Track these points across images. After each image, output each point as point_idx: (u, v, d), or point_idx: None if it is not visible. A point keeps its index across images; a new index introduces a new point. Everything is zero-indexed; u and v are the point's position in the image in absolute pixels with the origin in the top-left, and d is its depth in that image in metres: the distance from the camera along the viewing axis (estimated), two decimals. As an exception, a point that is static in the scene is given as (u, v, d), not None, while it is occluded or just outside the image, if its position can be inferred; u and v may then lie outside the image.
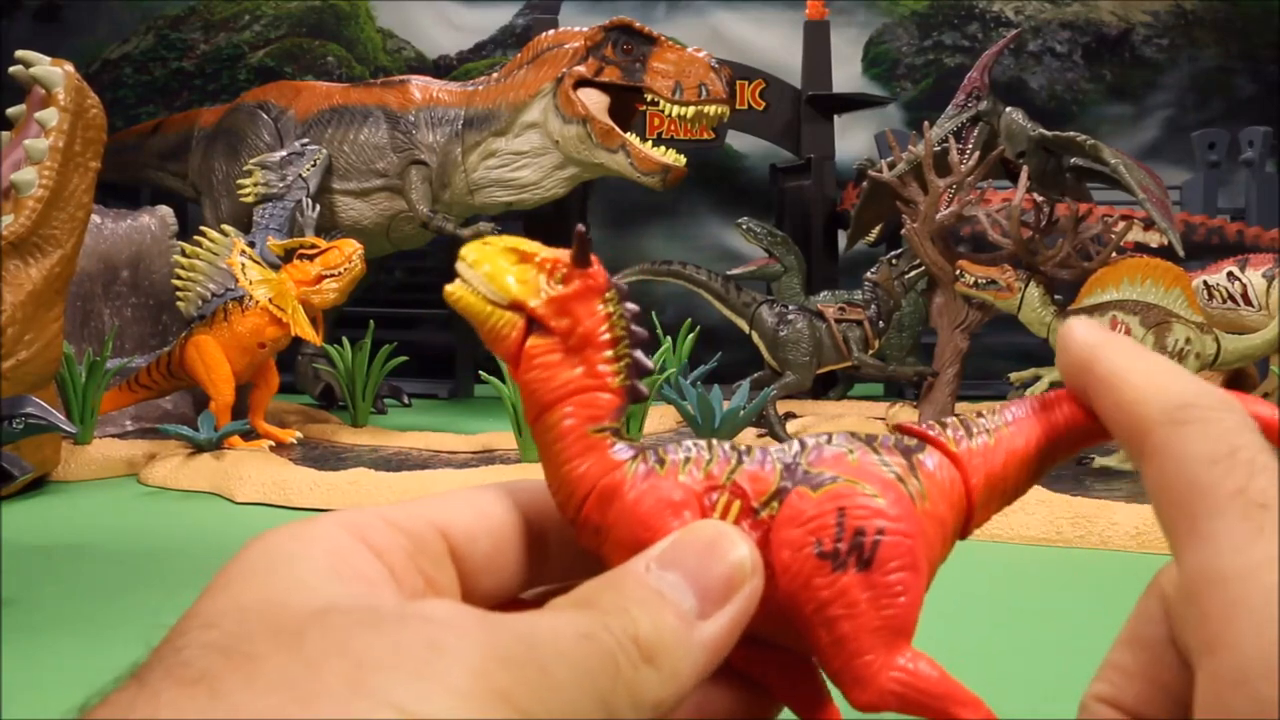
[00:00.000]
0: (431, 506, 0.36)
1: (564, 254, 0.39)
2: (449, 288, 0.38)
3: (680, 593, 0.33)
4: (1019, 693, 0.83)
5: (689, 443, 0.40)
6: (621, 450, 0.39)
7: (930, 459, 0.40)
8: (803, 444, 0.40)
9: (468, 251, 0.39)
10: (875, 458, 0.39)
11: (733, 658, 0.40)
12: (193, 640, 0.29)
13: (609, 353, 0.39)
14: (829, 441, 0.40)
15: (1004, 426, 0.40)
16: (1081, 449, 0.41)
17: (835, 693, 0.39)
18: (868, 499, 0.37)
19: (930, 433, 0.41)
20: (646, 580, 0.33)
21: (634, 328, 0.40)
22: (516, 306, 0.39)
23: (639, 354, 0.40)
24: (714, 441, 0.40)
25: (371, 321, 2.87)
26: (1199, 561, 0.28)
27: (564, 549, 0.40)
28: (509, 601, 0.38)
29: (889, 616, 0.37)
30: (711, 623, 0.33)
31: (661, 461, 0.39)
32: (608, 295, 0.40)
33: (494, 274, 0.39)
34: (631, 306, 0.40)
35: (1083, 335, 0.37)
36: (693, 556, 0.34)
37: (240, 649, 0.28)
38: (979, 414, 0.41)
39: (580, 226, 0.40)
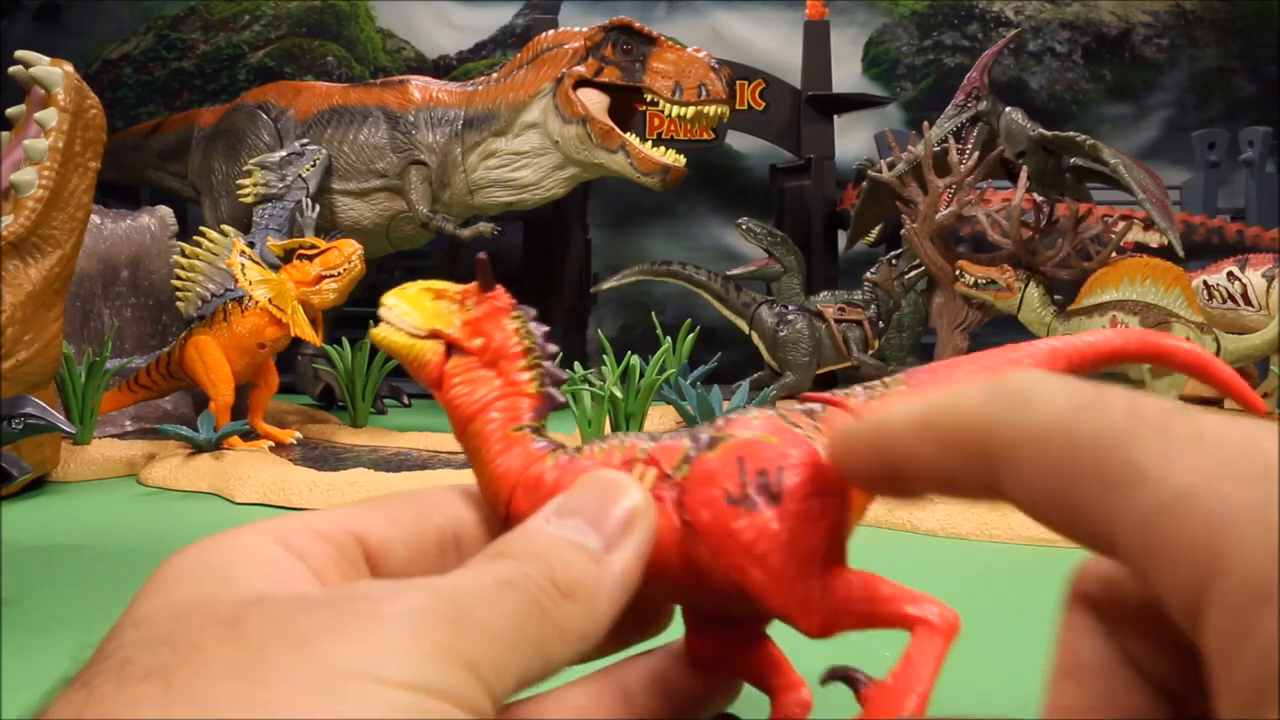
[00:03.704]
0: (349, 515, 0.38)
1: (472, 285, 0.44)
2: (374, 331, 0.43)
3: (583, 534, 0.35)
4: (1019, 693, 0.83)
5: (607, 436, 0.43)
6: (541, 444, 0.42)
7: (835, 417, 0.43)
8: (712, 420, 0.43)
9: (386, 298, 0.44)
10: (779, 419, 0.42)
11: (693, 645, 0.42)
12: (126, 641, 0.29)
13: (522, 362, 0.43)
14: (739, 413, 0.43)
15: (904, 387, 0.44)
16: None
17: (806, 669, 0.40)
18: (763, 444, 0.40)
19: (833, 397, 0.44)
20: (549, 529, 0.35)
21: (543, 342, 0.43)
22: (434, 335, 0.43)
23: (549, 364, 0.43)
24: (631, 433, 0.43)
25: (371, 321, 2.86)
26: (1149, 501, 0.24)
27: (476, 548, 0.41)
28: None
29: (814, 540, 0.38)
30: (617, 556, 0.35)
31: (579, 451, 0.42)
32: (514, 313, 0.43)
33: (412, 311, 0.43)
34: (540, 325, 0.43)
35: (856, 428, 0.33)
36: (588, 503, 0.37)
37: (182, 641, 0.28)
38: (882, 380, 0.45)
39: (481, 255, 0.45)
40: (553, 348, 0.44)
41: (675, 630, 0.45)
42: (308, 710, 0.26)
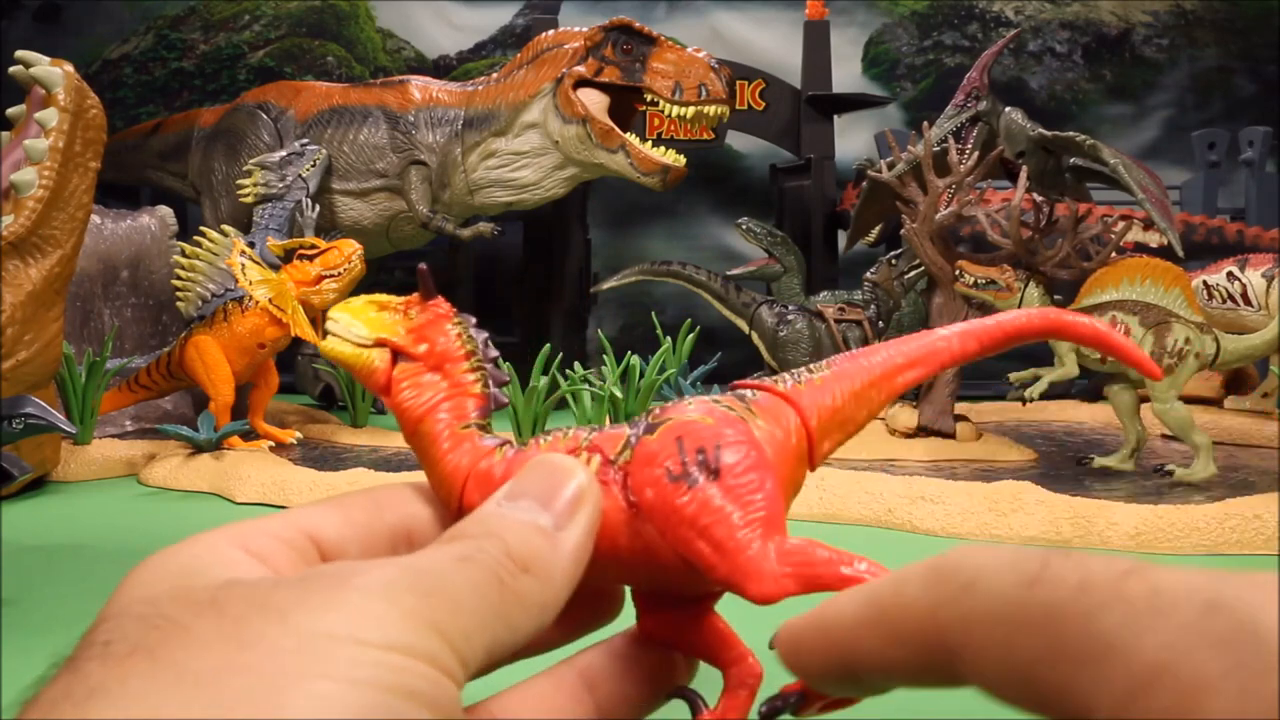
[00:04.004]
0: (304, 516, 0.39)
1: (413, 296, 0.46)
2: (322, 344, 0.44)
3: (534, 513, 0.37)
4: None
5: (551, 429, 0.45)
6: (490, 441, 0.43)
7: (765, 400, 0.45)
8: (649, 409, 0.45)
9: (333, 312, 0.46)
10: (710, 400, 0.44)
11: (645, 627, 0.43)
12: (104, 632, 0.30)
13: (465, 365, 0.44)
14: (673, 401, 0.44)
15: (828, 372, 0.46)
16: (900, 392, 0.47)
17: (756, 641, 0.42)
18: (698, 423, 0.42)
19: (762, 383, 0.46)
20: (501, 511, 0.37)
21: (484, 346, 0.45)
22: (381, 343, 0.44)
23: (491, 366, 0.45)
24: (574, 426, 0.45)
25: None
26: (1123, 676, 0.24)
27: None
28: None
29: (754, 511, 0.40)
30: (568, 532, 0.37)
31: (525, 444, 0.44)
32: (456, 319, 0.45)
33: (356, 322, 0.45)
34: (480, 332, 0.45)
35: (801, 624, 0.34)
36: (537, 485, 0.38)
37: (163, 620, 0.29)
38: (807, 367, 0.47)
39: (421, 265, 0.47)
40: (494, 352, 0.45)
41: (627, 619, 0.46)
42: (291, 670, 0.27)
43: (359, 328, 0.45)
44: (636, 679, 0.43)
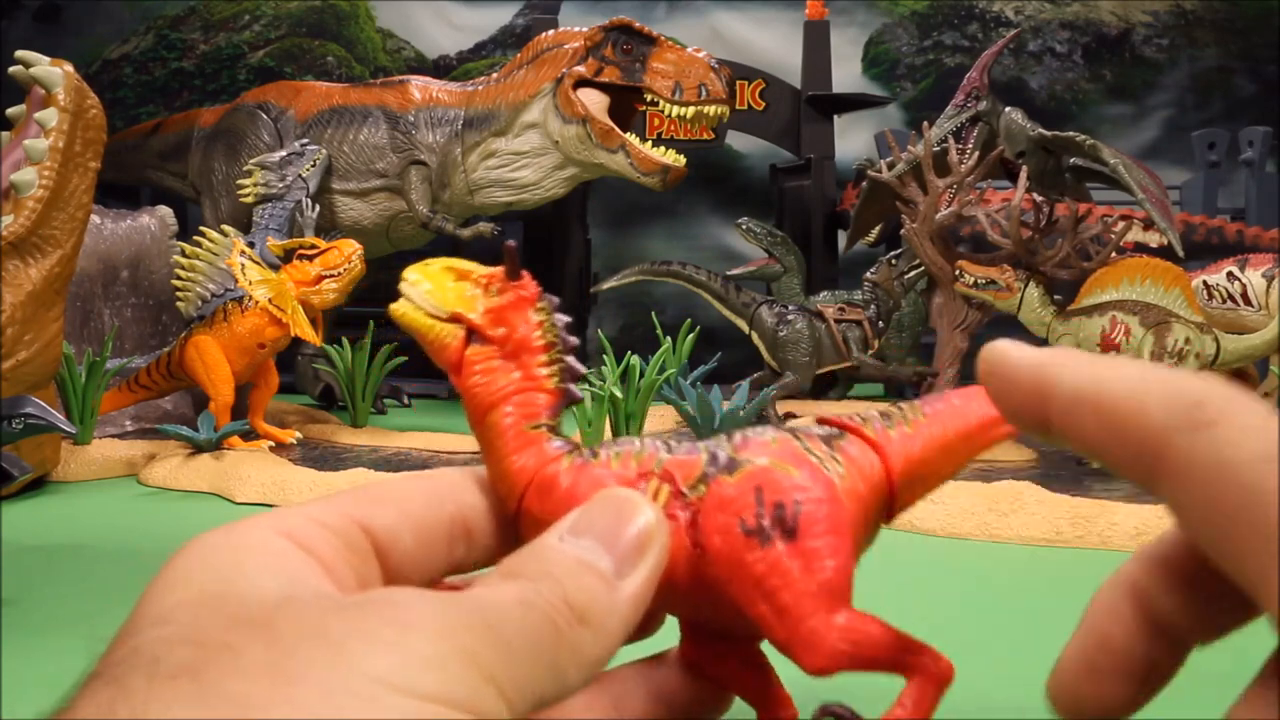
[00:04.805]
0: (354, 504, 0.38)
1: (498, 270, 0.43)
2: (393, 306, 0.42)
3: (596, 555, 0.35)
4: (1019, 693, 0.83)
5: (622, 439, 0.42)
6: (557, 445, 0.41)
7: (851, 446, 0.42)
8: (729, 434, 0.42)
9: (409, 272, 0.42)
10: (796, 443, 0.41)
11: (687, 653, 0.42)
12: (150, 637, 0.29)
13: (543, 357, 0.42)
14: (755, 431, 0.42)
15: (922, 418, 0.43)
16: (993, 446, 0.43)
17: (794, 685, 0.40)
18: (783, 474, 0.39)
19: (850, 423, 0.43)
20: (563, 549, 0.35)
21: (565, 335, 0.43)
22: (456, 319, 0.41)
23: (571, 359, 0.43)
24: (644, 437, 0.43)
25: (371, 321, 2.87)
26: None
27: (485, 539, 0.41)
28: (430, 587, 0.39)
29: (823, 580, 0.38)
30: (629, 580, 0.35)
31: (595, 454, 0.42)
32: (540, 305, 0.43)
33: (435, 291, 0.42)
34: (563, 317, 0.43)
35: (1023, 358, 0.32)
36: (602, 523, 0.36)
37: (212, 639, 0.28)
38: (898, 406, 0.44)
39: (510, 242, 0.43)
40: (574, 340, 0.43)
41: (667, 636, 0.44)
42: (335, 712, 0.26)
43: (435, 297, 0.42)
44: (669, 708, 0.42)
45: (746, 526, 0.38)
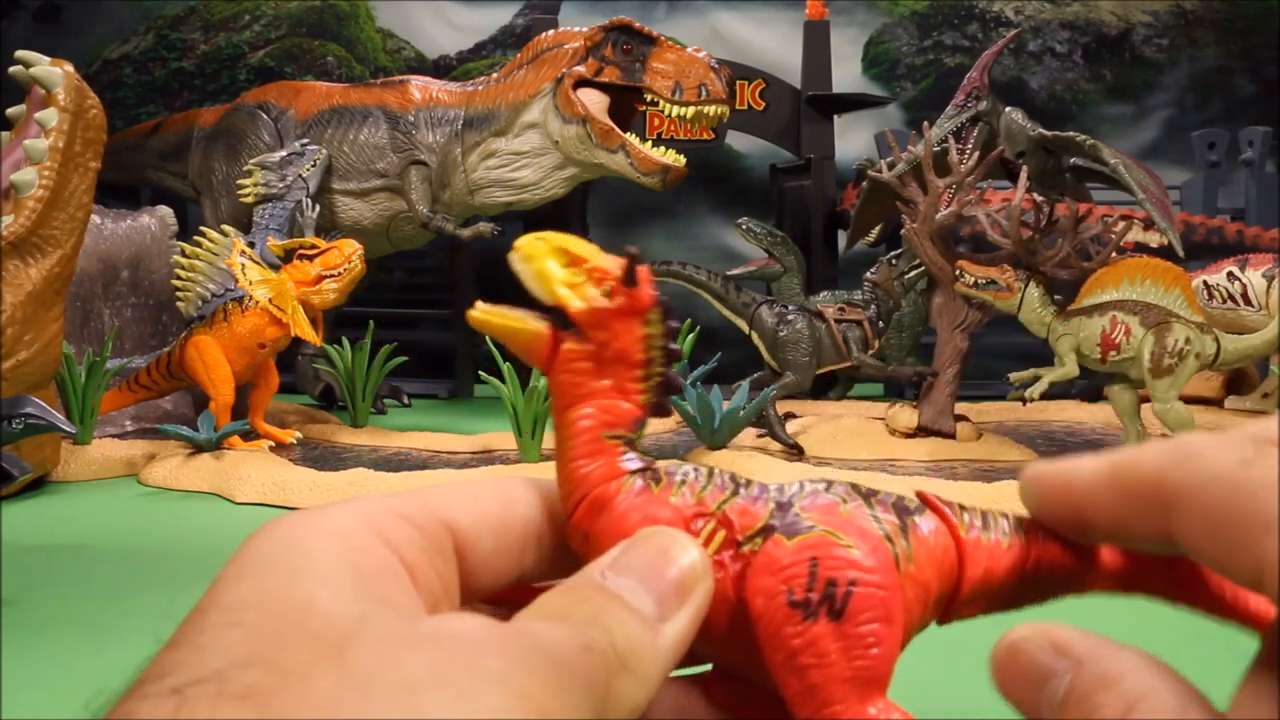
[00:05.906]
0: (439, 501, 0.37)
1: (614, 265, 0.41)
2: (470, 314, 0.40)
3: (639, 598, 0.34)
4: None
5: (690, 467, 0.40)
6: (628, 461, 0.39)
7: (926, 524, 0.40)
8: (802, 486, 0.40)
9: (522, 243, 0.40)
10: (868, 511, 0.39)
11: (713, 688, 0.41)
12: (218, 638, 0.29)
13: (640, 372, 0.40)
14: (828, 489, 0.40)
15: (1017, 535, 0.40)
16: (1055, 596, 0.41)
17: None
18: (843, 549, 0.37)
19: (945, 510, 0.40)
20: (606, 587, 0.34)
21: (671, 346, 0.40)
22: (559, 308, 0.40)
23: (671, 372, 0.40)
24: (717, 470, 0.40)
25: (371, 321, 2.87)
26: None
27: (553, 550, 0.40)
28: (493, 595, 0.38)
29: (860, 667, 0.36)
30: (671, 625, 0.34)
31: (658, 480, 0.39)
32: (650, 316, 0.40)
33: (543, 273, 0.40)
34: (673, 324, 0.41)
35: (1049, 467, 0.36)
36: (645, 562, 0.35)
37: (282, 661, 0.28)
38: (1004, 514, 0.41)
39: (633, 248, 0.41)
40: (677, 349, 0.41)
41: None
42: None
43: (541, 281, 0.40)
44: None
45: (794, 598, 0.37)
